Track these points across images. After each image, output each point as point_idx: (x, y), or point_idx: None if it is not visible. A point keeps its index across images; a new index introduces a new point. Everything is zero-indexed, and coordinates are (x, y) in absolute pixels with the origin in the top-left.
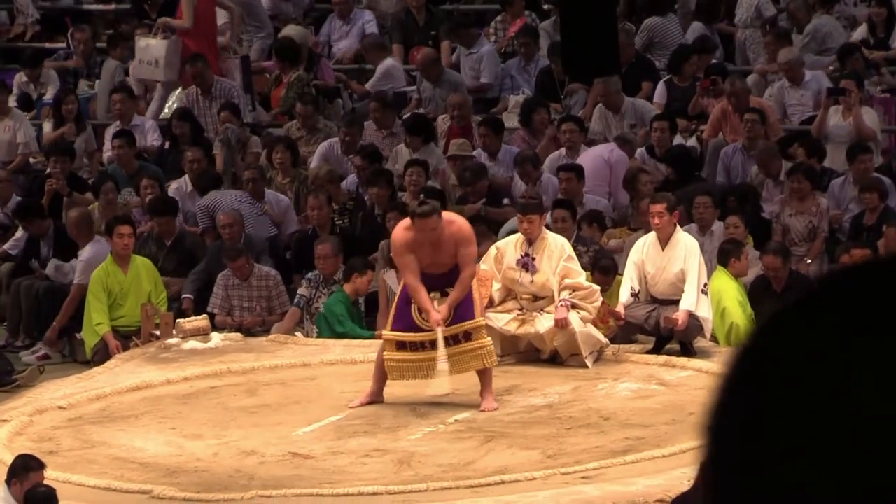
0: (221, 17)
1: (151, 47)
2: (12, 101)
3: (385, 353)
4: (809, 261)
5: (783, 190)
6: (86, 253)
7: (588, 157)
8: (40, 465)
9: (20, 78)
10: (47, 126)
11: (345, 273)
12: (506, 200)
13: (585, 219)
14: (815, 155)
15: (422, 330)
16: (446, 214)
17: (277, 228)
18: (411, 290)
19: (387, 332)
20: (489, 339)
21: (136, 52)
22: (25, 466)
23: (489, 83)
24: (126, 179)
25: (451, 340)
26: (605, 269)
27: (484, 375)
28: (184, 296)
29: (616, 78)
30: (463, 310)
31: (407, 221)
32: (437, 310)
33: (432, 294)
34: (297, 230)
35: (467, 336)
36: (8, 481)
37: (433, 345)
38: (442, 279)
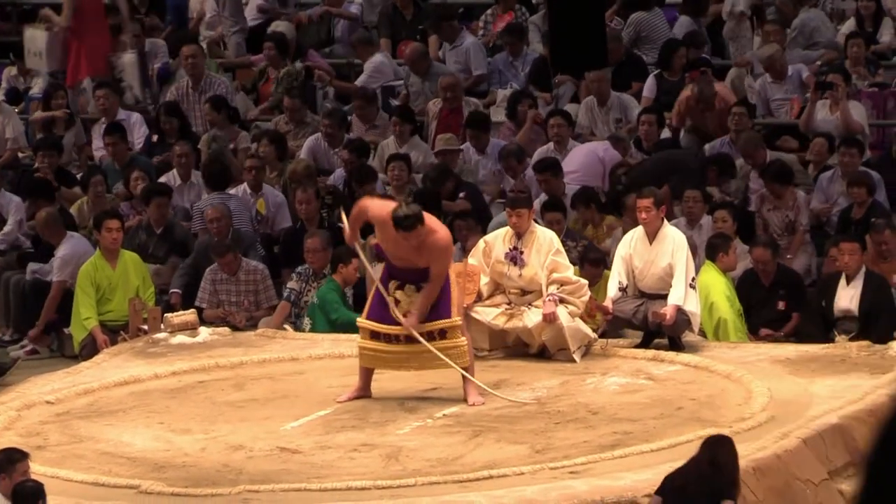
0: (209, 9)
1: (37, 38)
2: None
3: (359, 339)
4: (790, 255)
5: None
6: (62, 250)
7: (581, 153)
8: (24, 456)
9: (9, 72)
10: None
11: (332, 264)
12: (462, 194)
13: (580, 199)
14: (833, 150)
15: (397, 324)
16: (430, 222)
17: (271, 225)
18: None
19: (361, 320)
20: (464, 339)
21: (24, 43)
22: (10, 459)
23: (483, 73)
24: (118, 173)
25: (424, 336)
26: (594, 261)
27: (466, 371)
28: (172, 290)
29: (607, 69)
30: (440, 308)
31: (392, 205)
32: (407, 317)
33: (407, 286)
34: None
35: (442, 334)
36: None
37: (407, 339)
38: (414, 273)
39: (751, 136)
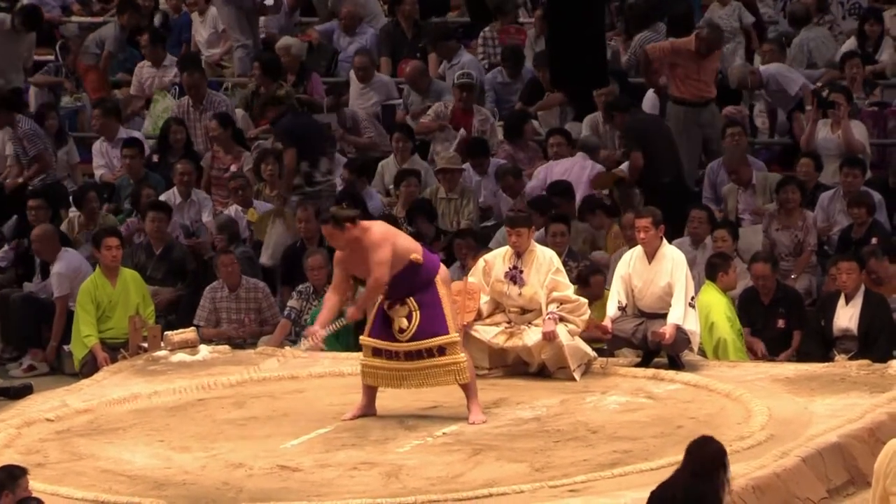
0: (207, 28)
1: None
2: None
3: (362, 357)
4: (795, 276)
5: (753, 194)
6: (58, 266)
7: (573, 174)
8: (23, 472)
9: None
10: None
11: (327, 283)
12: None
13: (588, 207)
14: (820, 169)
15: (398, 341)
16: (365, 222)
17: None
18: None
19: (364, 338)
20: (464, 355)
21: None
22: (11, 475)
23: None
24: (126, 189)
25: (424, 353)
26: (585, 279)
27: (467, 389)
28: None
29: (615, 86)
30: (436, 324)
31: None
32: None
33: (388, 301)
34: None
35: (441, 350)
36: None
37: (407, 355)
38: (391, 290)
39: (735, 152)
